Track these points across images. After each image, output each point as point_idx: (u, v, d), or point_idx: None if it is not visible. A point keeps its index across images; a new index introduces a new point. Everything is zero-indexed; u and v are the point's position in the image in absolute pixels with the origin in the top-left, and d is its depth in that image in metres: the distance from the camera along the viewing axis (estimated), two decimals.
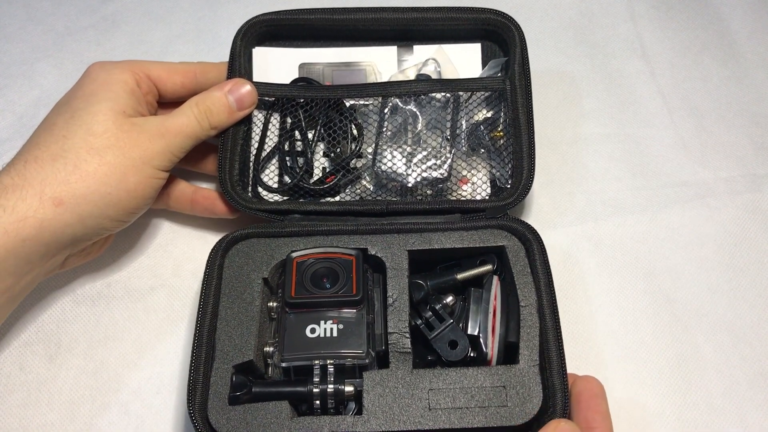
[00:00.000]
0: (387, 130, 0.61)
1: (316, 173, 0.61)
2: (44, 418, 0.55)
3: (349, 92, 0.61)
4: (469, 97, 0.61)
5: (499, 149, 0.60)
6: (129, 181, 0.52)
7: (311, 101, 0.62)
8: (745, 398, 0.55)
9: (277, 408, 0.48)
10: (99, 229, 0.53)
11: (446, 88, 0.61)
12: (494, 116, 0.61)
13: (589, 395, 0.47)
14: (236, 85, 0.59)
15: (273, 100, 0.63)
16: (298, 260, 0.54)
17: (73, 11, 0.80)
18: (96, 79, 0.55)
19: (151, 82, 0.58)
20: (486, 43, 0.65)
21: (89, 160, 0.51)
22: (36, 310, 0.60)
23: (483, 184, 0.60)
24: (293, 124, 0.62)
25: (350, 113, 0.62)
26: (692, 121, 0.70)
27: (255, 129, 0.62)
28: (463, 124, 0.61)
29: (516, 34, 0.62)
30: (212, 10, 0.81)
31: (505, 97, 0.60)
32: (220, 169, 0.59)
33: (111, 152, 0.51)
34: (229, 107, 0.58)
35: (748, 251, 0.62)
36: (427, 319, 0.53)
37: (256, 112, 0.62)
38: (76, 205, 0.50)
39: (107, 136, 0.52)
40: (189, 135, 0.56)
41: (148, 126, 0.54)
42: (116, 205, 0.52)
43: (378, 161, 0.59)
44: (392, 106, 0.61)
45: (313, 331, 0.51)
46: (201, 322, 0.52)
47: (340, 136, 0.61)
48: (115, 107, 0.53)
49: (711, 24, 0.77)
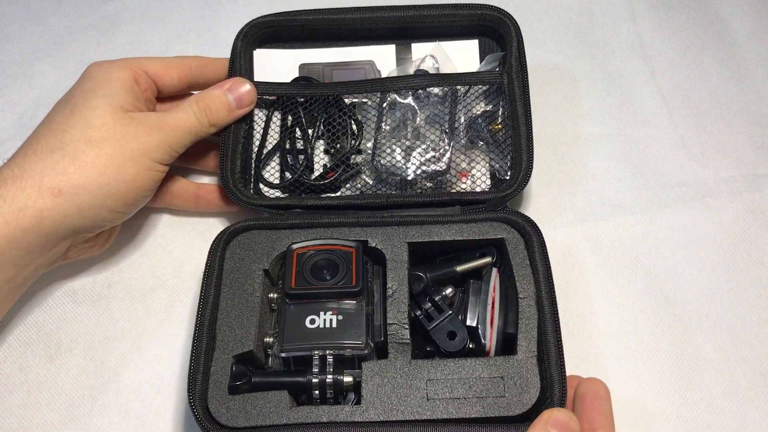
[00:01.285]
0: (386, 125, 0.61)
1: (317, 169, 0.62)
2: (44, 418, 0.55)
3: (348, 89, 0.62)
4: (467, 91, 0.62)
5: (498, 142, 0.60)
6: (127, 172, 0.52)
7: (311, 99, 0.62)
8: (745, 398, 0.55)
9: (276, 397, 0.48)
10: (98, 220, 0.53)
11: (444, 83, 0.61)
12: (492, 109, 0.62)
13: (593, 397, 0.48)
14: (236, 83, 0.59)
15: (273, 99, 0.63)
16: (298, 252, 0.54)
17: (73, 11, 0.80)
18: (95, 77, 0.56)
19: (148, 78, 0.59)
20: (483, 39, 0.66)
21: (87, 151, 0.51)
22: (36, 310, 0.60)
23: (482, 176, 0.60)
24: (294, 122, 0.62)
25: (350, 110, 0.62)
26: (692, 121, 0.70)
27: (256, 127, 0.63)
28: (462, 118, 0.61)
29: (512, 28, 0.62)
30: (212, 10, 0.81)
31: (503, 90, 0.61)
32: (221, 167, 0.59)
33: (109, 144, 0.52)
34: (228, 105, 0.59)
35: (748, 251, 0.62)
36: (427, 310, 0.53)
37: (257, 111, 0.62)
38: (74, 195, 0.50)
39: (105, 129, 0.52)
40: (187, 130, 0.56)
41: (146, 120, 0.54)
42: (114, 196, 0.52)
43: (377, 156, 0.59)
44: (391, 102, 0.61)
45: (313, 322, 0.51)
46: (202, 313, 0.52)
47: (340, 132, 0.61)
48: (113, 102, 0.54)
49: (711, 24, 0.77)
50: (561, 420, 0.45)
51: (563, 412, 0.45)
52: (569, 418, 0.45)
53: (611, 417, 0.47)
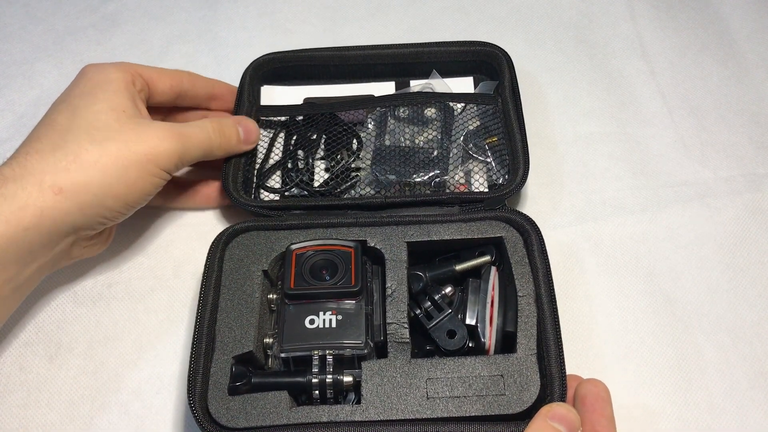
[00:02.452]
0: (385, 139, 0.62)
1: (317, 181, 0.63)
2: (44, 418, 0.55)
3: (348, 106, 0.64)
4: (463, 109, 0.64)
5: (495, 154, 0.62)
6: (130, 175, 0.52)
7: (313, 119, 0.64)
8: (746, 398, 0.55)
9: (276, 398, 0.48)
10: (98, 219, 0.53)
11: (441, 100, 0.64)
12: (488, 125, 0.63)
13: (594, 398, 0.47)
14: (245, 119, 0.62)
15: (277, 120, 0.66)
16: (297, 252, 0.54)
17: (73, 11, 0.80)
18: (92, 78, 0.56)
19: (143, 81, 0.59)
20: (478, 76, 0.69)
21: (91, 150, 0.51)
22: (36, 310, 0.60)
23: (480, 186, 0.61)
24: (297, 141, 0.64)
25: (350, 128, 0.64)
26: (692, 120, 0.70)
27: (259, 148, 0.64)
28: (459, 133, 0.63)
29: (504, 59, 0.66)
30: (212, 10, 0.81)
31: (498, 109, 0.64)
32: (224, 172, 0.61)
33: (114, 145, 0.52)
34: (239, 136, 0.60)
35: (749, 251, 0.62)
36: (426, 309, 0.53)
37: (262, 130, 0.65)
38: (75, 193, 0.50)
39: (109, 131, 0.52)
40: (200, 146, 0.57)
41: (157, 126, 0.54)
42: (115, 197, 0.52)
43: (375, 170, 0.60)
44: (391, 118, 0.63)
45: (312, 322, 0.51)
46: (201, 314, 0.52)
47: (342, 148, 0.63)
48: (115, 106, 0.54)
49: (711, 24, 0.77)
50: (560, 413, 0.45)
51: (562, 406, 0.45)
52: (568, 410, 0.45)
53: (613, 419, 0.47)
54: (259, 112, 0.66)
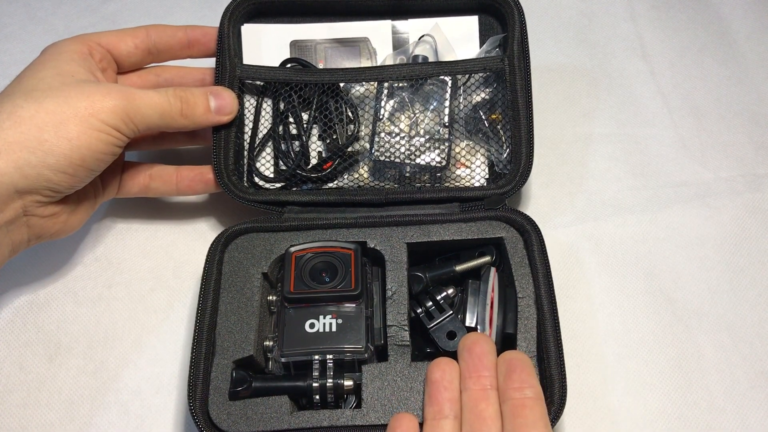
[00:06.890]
0: (383, 115, 0.60)
1: (312, 157, 0.61)
2: (44, 418, 0.55)
3: (343, 76, 0.60)
4: (467, 79, 0.60)
5: (498, 133, 0.60)
6: (70, 129, 0.50)
7: (304, 84, 0.60)
8: (746, 397, 0.55)
9: (277, 403, 0.48)
10: (43, 181, 0.50)
11: (443, 71, 0.59)
12: (492, 98, 0.60)
13: None
14: (220, 89, 0.59)
15: (264, 85, 0.61)
16: (296, 255, 0.54)
17: (73, 11, 0.80)
18: (46, 51, 0.55)
19: (103, 49, 0.57)
20: (483, 16, 0.62)
21: (26, 106, 0.49)
22: (36, 310, 0.60)
23: (480, 169, 0.60)
24: (286, 107, 0.61)
25: (345, 96, 0.60)
26: (692, 121, 0.70)
27: (247, 114, 0.61)
28: (461, 108, 0.60)
29: (515, 10, 0.60)
30: (212, 9, 0.81)
31: (504, 78, 0.59)
32: (215, 159, 0.58)
33: (51, 100, 0.50)
34: (207, 105, 0.57)
35: (749, 251, 0.62)
36: (427, 309, 0.53)
37: (247, 97, 0.61)
38: (10, 152, 0.48)
39: (50, 90, 0.51)
40: (154, 108, 0.54)
41: (105, 85, 0.53)
42: (56, 154, 0.49)
43: (375, 147, 0.59)
44: (388, 91, 0.60)
45: (312, 326, 0.51)
46: (201, 318, 0.52)
47: (336, 119, 0.60)
48: (62, 72, 0.52)
49: (711, 24, 0.77)
50: None
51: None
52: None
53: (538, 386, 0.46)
54: (243, 72, 0.60)
